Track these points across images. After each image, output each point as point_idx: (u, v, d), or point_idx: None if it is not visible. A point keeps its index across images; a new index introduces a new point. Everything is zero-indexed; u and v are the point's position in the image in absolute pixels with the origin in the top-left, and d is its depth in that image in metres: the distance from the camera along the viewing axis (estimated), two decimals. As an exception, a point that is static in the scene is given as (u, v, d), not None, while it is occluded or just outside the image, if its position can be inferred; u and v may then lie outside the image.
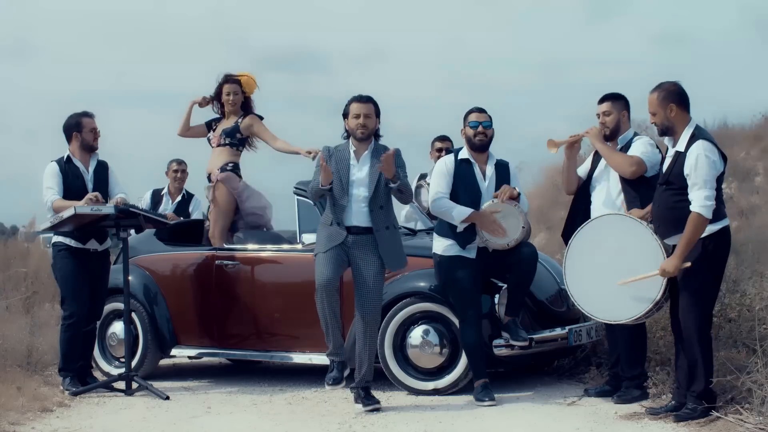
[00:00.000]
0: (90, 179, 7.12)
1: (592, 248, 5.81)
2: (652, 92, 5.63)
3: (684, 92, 5.62)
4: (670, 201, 5.52)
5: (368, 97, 6.44)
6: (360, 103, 6.40)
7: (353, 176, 6.35)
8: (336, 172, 6.34)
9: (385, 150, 6.33)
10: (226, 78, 7.98)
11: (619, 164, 6.16)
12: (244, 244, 7.58)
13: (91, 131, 7.14)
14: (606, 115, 6.29)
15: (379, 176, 6.32)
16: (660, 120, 5.61)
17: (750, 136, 16.44)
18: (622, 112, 6.29)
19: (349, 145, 6.44)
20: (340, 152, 6.43)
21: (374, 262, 6.32)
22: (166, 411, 6.49)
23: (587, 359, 7.24)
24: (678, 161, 5.49)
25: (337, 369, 6.35)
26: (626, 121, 6.31)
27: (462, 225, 6.50)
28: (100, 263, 7.19)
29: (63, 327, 7.08)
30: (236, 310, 7.47)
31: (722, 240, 5.50)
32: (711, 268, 5.48)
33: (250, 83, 8.01)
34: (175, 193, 9.57)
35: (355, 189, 6.35)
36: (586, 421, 5.73)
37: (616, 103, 6.29)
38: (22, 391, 6.67)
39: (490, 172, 6.62)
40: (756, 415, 5.22)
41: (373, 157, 6.38)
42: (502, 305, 6.57)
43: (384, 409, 6.29)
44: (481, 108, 6.69)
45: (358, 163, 6.38)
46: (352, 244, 6.31)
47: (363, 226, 6.33)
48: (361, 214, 6.33)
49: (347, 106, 6.43)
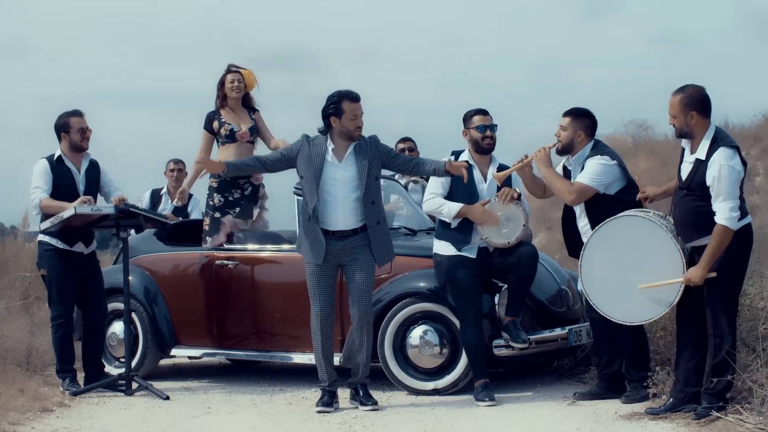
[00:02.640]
0: (81, 180, 7.08)
1: (610, 248, 5.75)
2: (675, 94, 5.59)
3: (707, 98, 5.57)
4: (691, 206, 5.53)
5: (359, 94, 6.38)
6: (356, 103, 6.33)
7: (334, 176, 6.29)
8: (310, 167, 6.28)
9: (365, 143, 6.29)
10: (229, 68, 7.91)
11: (559, 191, 6.23)
12: (244, 244, 7.58)
13: (79, 131, 7.04)
14: (563, 130, 6.30)
15: (368, 172, 6.27)
16: (680, 125, 5.58)
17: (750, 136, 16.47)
18: (578, 132, 6.24)
19: (327, 142, 6.35)
20: (316, 146, 6.35)
21: (365, 261, 6.32)
22: (166, 411, 6.49)
23: (587, 359, 7.23)
24: (699, 169, 5.48)
25: (328, 396, 6.37)
26: (583, 139, 6.25)
27: (455, 221, 6.51)
28: (88, 265, 7.17)
29: (53, 328, 7.08)
30: (236, 310, 7.46)
31: (745, 237, 5.52)
32: (735, 265, 5.50)
33: (250, 78, 7.97)
34: (174, 192, 9.57)
35: (339, 189, 6.29)
36: (586, 421, 5.73)
37: (576, 121, 6.26)
38: (22, 391, 6.67)
39: (491, 175, 6.61)
40: (756, 415, 5.22)
41: (357, 153, 6.32)
42: (502, 305, 6.57)
43: (384, 409, 6.29)
44: (485, 110, 6.67)
45: (340, 162, 6.32)
46: (341, 250, 6.31)
47: (350, 229, 6.32)
48: (348, 216, 6.31)
49: (337, 104, 6.30)
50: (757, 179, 14.99)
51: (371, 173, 6.31)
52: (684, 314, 5.71)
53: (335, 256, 6.33)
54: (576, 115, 6.29)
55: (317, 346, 6.38)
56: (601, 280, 5.80)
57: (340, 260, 6.36)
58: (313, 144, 6.35)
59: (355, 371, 6.42)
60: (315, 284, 6.35)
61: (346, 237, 6.32)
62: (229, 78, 7.85)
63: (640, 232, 5.69)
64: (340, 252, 6.33)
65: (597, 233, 5.85)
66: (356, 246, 6.32)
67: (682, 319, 5.74)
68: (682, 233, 5.60)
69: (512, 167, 6.47)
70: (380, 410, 6.25)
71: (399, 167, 6.58)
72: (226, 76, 7.87)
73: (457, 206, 6.48)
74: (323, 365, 6.40)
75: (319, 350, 6.38)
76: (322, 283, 6.34)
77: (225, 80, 7.86)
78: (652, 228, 5.65)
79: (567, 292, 7.06)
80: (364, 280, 6.31)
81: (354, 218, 6.33)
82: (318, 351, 6.39)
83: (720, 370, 5.46)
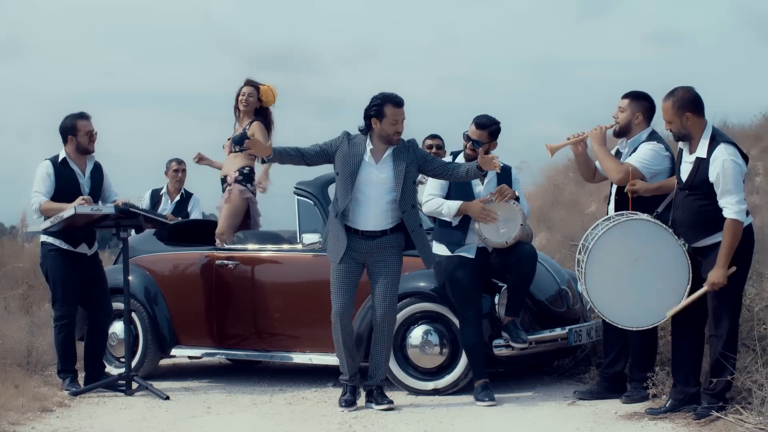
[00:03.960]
0: (86, 183, 7.08)
1: (613, 252, 5.71)
2: (666, 100, 5.59)
3: (698, 98, 5.57)
4: (695, 206, 5.53)
5: (403, 99, 6.35)
6: (399, 108, 6.29)
7: (369, 176, 6.29)
8: (347, 165, 6.28)
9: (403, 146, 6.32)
10: (246, 81, 8.14)
11: (607, 170, 6.18)
12: (244, 244, 7.58)
13: (87, 134, 7.05)
14: (621, 111, 6.23)
15: (405, 175, 6.28)
16: (676, 128, 5.58)
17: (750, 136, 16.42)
18: (636, 113, 6.18)
19: (366, 142, 6.36)
20: (355, 146, 6.35)
21: (393, 263, 6.32)
22: (166, 411, 6.49)
23: (587, 359, 7.24)
24: (701, 168, 5.47)
25: (350, 392, 6.38)
26: (641, 122, 6.20)
27: (455, 219, 6.51)
28: (92, 266, 7.17)
29: (56, 328, 7.08)
30: (236, 310, 7.46)
31: (747, 237, 5.52)
32: (738, 266, 5.48)
33: (267, 94, 8.11)
34: (174, 192, 9.59)
35: (374, 191, 6.29)
36: (586, 421, 5.73)
37: (634, 103, 6.20)
38: (22, 391, 6.67)
39: (490, 176, 6.62)
40: (756, 415, 5.22)
41: (396, 157, 6.32)
42: (502, 305, 6.57)
43: (390, 410, 6.29)
44: (480, 123, 6.61)
45: (377, 164, 6.31)
46: (369, 250, 6.31)
47: (380, 230, 6.31)
48: (379, 217, 6.30)
49: (380, 107, 6.27)
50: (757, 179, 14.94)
51: (408, 177, 6.30)
52: (682, 314, 5.70)
53: (361, 255, 6.32)
54: (635, 97, 6.23)
55: (338, 340, 6.33)
56: (606, 286, 5.75)
57: (366, 259, 6.34)
58: (352, 143, 6.35)
59: (372, 373, 6.41)
60: (337, 281, 6.31)
61: (375, 237, 6.31)
62: (242, 90, 8.11)
63: (643, 235, 5.67)
64: (366, 251, 6.31)
65: (602, 238, 5.76)
66: (384, 247, 6.32)
67: (680, 319, 5.73)
68: (686, 234, 5.59)
69: (566, 141, 6.35)
70: (396, 411, 6.22)
71: (434, 171, 6.46)
72: (241, 89, 8.12)
73: (457, 204, 6.49)
74: (344, 358, 6.36)
75: (340, 344, 6.33)
76: (344, 281, 6.29)
77: (239, 92, 8.11)
78: (656, 230, 5.64)
79: (567, 292, 7.07)
80: (388, 282, 6.30)
81: (384, 220, 6.32)
82: (339, 345, 6.34)
83: (719, 371, 5.46)
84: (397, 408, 6.33)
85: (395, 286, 6.36)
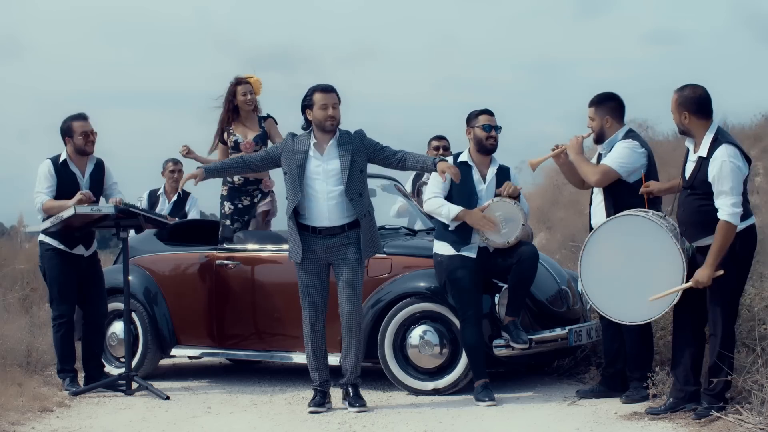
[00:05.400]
0: (85, 184, 7.06)
1: (610, 247, 5.76)
2: (675, 92, 5.63)
3: (703, 99, 5.57)
4: (695, 205, 5.53)
5: (332, 86, 6.37)
6: (325, 93, 6.31)
7: (317, 170, 6.28)
8: (293, 162, 6.28)
9: (348, 136, 6.30)
10: (238, 80, 7.96)
11: (584, 173, 6.23)
12: (244, 244, 7.58)
13: (82, 135, 7.01)
14: (591, 120, 6.30)
15: (351, 165, 6.24)
16: (676, 123, 5.65)
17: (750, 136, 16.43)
18: (605, 118, 6.23)
19: (309, 138, 6.36)
20: (299, 143, 6.35)
21: (353, 260, 6.29)
22: (166, 411, 6.49)
23: (587, 359, 7.23)
24: (702, 167, 5.48)
25: (320, 396, 6.37)
26: (612, 124, 6.25)
27: (453, 223, 6.51)
28: (90, 267, 7.17)
29: (54, 328, 7.09)
30: (236, 310, 7.46)
31: (748, 238, 5.53)
32: (737, 266, 5.50)
33: (257, 86, 8.04)
34: (171, 192, 9.60)
35: (323, 184, 6.27)
36: (586, 421, 5.73)
37: (600, 109, 6.25)
38: (22, 391, 6.67)
39: (491, 176, 6.62)
40: (756, 415, 5.22)
41: (339, 146, 6.30)
42: (502, 305, 6.57)
43: (384, 409, 6.29)
44: (491, 111, 6.67)
45: (322, 155, 6.30)
46: (329, 249, 6.30)
47: (337, 225, 6.29)
48: (333, 212, 6.28)
49: (309, 97, 6.32)
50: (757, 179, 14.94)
51: (354, 166, 6.27)
52: (681, 313, 5.71)
53: (323, 255, 6.32)
54: (598, 103, 6.28)
55: (308, 345, 6.38)
56: (601, 279, 5.80)
57: (328, 259, 6.34)
58: (296, 141, 6.37)
59: (344, 371, 6.40)
60: (304, 285, 6.35)
61: (334, 235, 6.30)
62: (240, 90, 7.92)
63: (640, 232, 5.69)
64: (327, 250, 6.31)
65: (597, 233, 5.85)
66: (344, 244, 6.30)
67: (680, 318, 5.74)
68: (686, 233, 5.60)
69: (547, 155, 6.47)
70: (369, 411, 6.23)
71: (385, 161, 6.42)
72: (236, 88, 7.92)
73: (456, 209, 6.47)
74: (313, 365, 6.39)
75: (309, 350, 6.37)
76: (311, 284, 6.32)
77: (236, 92, 7.92)
78: (653, 228, 5.65)
79: (567, 292, 7.06)
80: (352, 280, 6.28)
81: (340, 214, 6.30)
82: (308, 350, 6.38)
83: (719, 370, 5.46)
84: (397, 408, 6.33)
85: (359, 283, 6.33)
